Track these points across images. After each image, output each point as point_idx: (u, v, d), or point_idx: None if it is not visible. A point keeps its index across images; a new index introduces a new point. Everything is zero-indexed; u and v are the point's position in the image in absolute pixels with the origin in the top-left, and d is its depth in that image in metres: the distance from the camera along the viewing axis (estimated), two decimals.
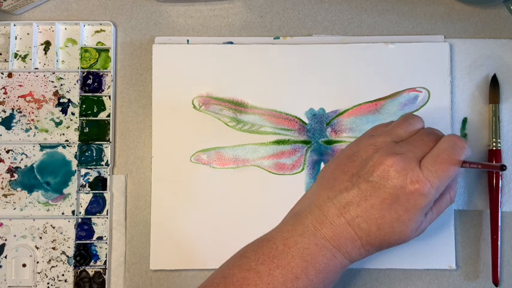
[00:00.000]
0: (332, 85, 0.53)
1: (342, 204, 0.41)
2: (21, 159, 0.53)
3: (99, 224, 0.52)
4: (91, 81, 0.54)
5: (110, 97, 0.53)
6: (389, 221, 0.40)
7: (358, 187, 0.41)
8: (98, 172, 0.53)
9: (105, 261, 0.52)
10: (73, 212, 0.52)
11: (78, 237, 0.52)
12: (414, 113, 0.50)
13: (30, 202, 0.52)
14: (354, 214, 0.41)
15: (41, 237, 0.52)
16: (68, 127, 0.53)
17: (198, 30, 0.55)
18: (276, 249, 0.41)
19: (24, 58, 0.54)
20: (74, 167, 0.53)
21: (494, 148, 0.52)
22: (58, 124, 0.53)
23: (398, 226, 0.41)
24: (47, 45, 0.54)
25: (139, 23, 0.55)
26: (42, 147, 0.53)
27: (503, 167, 0.41)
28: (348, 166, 0.42)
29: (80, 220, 0.52)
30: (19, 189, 0.52)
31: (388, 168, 0.40)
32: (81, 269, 0.52)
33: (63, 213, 0.52)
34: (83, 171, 0.53)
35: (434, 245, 0.51)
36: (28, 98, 0.53)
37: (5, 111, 0.53)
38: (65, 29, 0.54)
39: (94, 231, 0.52)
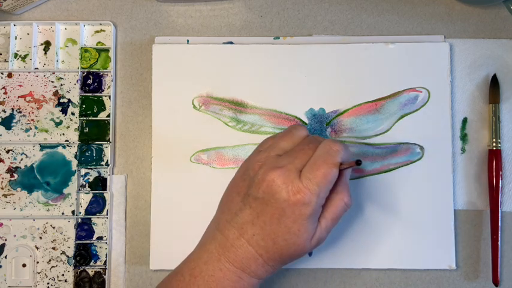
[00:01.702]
0: (332, 85, 0.53)
1: (240, 225, 0.42)
2: (21, 159, 0.53)
3: (99, 224, 0.52)
4: (91, 81, 0.54)
5: (110, 97, 0.53)
6: (282, 234, 0.41)
7: (249, 206, 0.42)
8: (98, 172, 0.53)
9: (105, 261, 0.52)
10: (73, 212, 0.52)
11: (78, 237, 0.52)
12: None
13: (30, 202, 0.52)
14: (251, 233, 0.42)
15: (41, 237, 0.52)
16: (68, 127, 0.53)
17: (198, 30, 0.55)
18: (183, 280, 0.42)
19: (24, 58, 0.54)
20: (74, 167, 0.53)
21: (494, 148, 0.52)
22: (58, 124, 0.53)
23: (291, 238, 0.41)
24: (47, 45, 0.54)
25: (139, 23, 0.55)
26: (42, 147, 0.53)
27: (357, 162, 0.41)
28: (240, 186, 0.43)
29: (80, 220, 0.52)
30: (19, 189, 0.52)
31: (271, 184, 0.41)
32: (81, 269, 0.52)
33: (63, 213, 0.52)
34: (83, 171, 0.53)
35: (434, 245, 0.51)
36: (28, 98, 0.53)
37: (5, 111, 0.53)
38: (65, 29, 0.54)
39: (94, 231, 0.52)
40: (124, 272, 0.52)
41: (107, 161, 0.53)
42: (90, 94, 0.53)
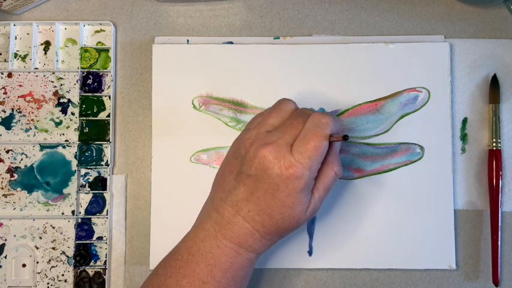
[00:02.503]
0: (332, 85, 0.53)
1: (234, 203, 0.43)
2: (21, 159, 0.53)
3: (99, 224, 0.52)
4: (91, 81, 0.54)
5: (109, 97, 0.53)
6: (277, 208, 0.42)
7: (243, 183, 0.43)
8: (98, 172, 0.53)
9: (105, 261, 0.52)
10: (73, 212, 0.52)
11: (78, 237, 0.52)
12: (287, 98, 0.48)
13: (30, 202, 0.52)
14: (246, 209, 0.43)
15: (40, 237, 0.52)
16: (67, 127, 0.53)
17: (198, 30, 0.55)
18: (181, 259, 0.43)
19: (24, 58, 0.54)
20: (74, 167, 0.53)
21: (494, 148, 0.52)
22: (58, 124, 0.53)
23: (286, 211, 0.42)
24: (46, 45, 0.54)
25: (139, 23, 0.55)
26: (42, 147, 0.53)
27: (344, 137, 0.42)
28: (232, 165, 0.44)
29: (79, 220, 0.52)
30: (19, 189, 0.52)
31: (262, 160, 0.41)
32: (81, 269, 0.52)
33: (63, 213, 0.52)
34: (83, 171, 0.53)
35: (434, 245, 0.51)
36: (28, 98, 0.53)
37: (5, 111, 0.53)
38: (65, 29, 0.54)
39: (94, 231, 0.52)
40: (124, 272, 0.52)
41: (107, 161, 0.53)
42: (90, 94, 0.53)
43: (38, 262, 0.52)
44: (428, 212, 0.51)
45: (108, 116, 0.53)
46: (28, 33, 0.54)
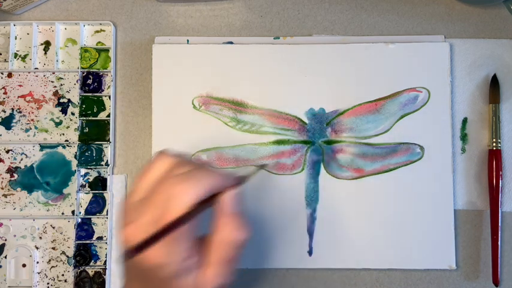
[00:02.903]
0: (332, 85, 0.53)
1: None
2: (21, 159, 0.53)
3: (99, 224, 0.52)
4: (91, 81, 0.54)
5: (109, 97, 0.53)
6: None
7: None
8: (98, 172, 0.53)
9: (105, 261, 0.52)
10: (73, 212, 0.52)
11: (78, 237, 0.52)
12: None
13: (30, 202, 0.52)
14: None
15: (40, 237, 0.52)
16: (67, 127, 0.53)
17: (198, 30, 0.55)
18: None
19: (24, 58, 0.54)
20: (74, 167, 0.53)
21: (494, 148, 0.52)
22: (58, 124, 0.53)
23: None
24: (46, 45, 0.54)
25: (139, 23, 0.55)
26: (42, 147, 0.53)
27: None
28: None
29: (79, 220, 0.52)
30: (19, 189, 0.52)
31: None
32: (81, 269, 0.52)
33: (63, 213, 0.52)
34: (83, 171, 0.53)
35: (434, 245, 0.51)
36: (28, 98, 0.53)
37: (5, 111, 0.53)
38: (65, 29, 0.54)
39: (94, 231, 0.52)
40: None
41: (107, 161, 0.53)
42: (90, 94, 0.53)
43: (38, 262, 0.52)
44: (428, 212, 0.51)
45: (108, 116, 0.53)
46: (28, 33, 0.54)
